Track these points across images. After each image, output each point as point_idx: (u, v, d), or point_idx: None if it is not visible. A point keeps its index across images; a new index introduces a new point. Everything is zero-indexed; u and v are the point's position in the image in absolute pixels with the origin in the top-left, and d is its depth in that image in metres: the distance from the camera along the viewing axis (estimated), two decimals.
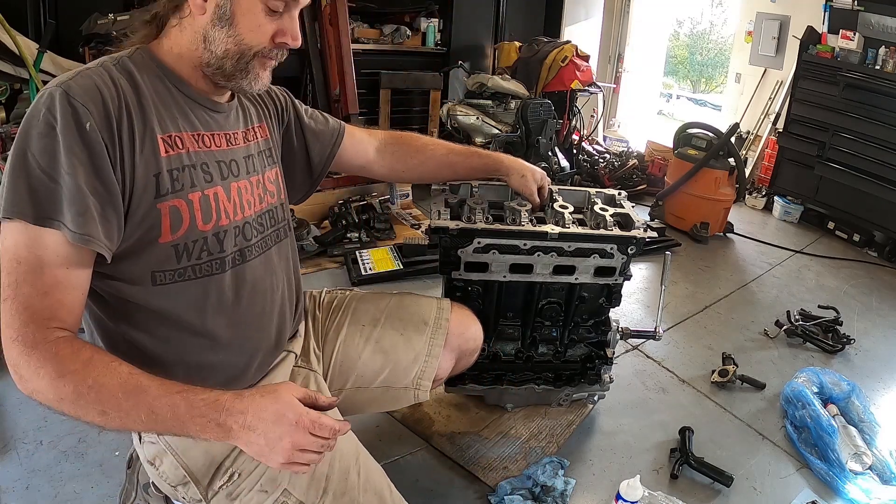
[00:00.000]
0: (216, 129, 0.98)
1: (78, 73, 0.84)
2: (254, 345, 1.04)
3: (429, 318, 1.31)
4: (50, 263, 0.78)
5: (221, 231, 0.95)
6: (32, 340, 0.76)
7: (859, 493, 1.59)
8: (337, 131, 1.30)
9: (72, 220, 0.78)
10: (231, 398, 0.77)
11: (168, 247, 0.89)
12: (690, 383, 2.10)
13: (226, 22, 0.89)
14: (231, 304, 0.98)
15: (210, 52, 0.91)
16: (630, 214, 1.56)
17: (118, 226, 0.84)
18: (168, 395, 0.76)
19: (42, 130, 0.78)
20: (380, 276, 2.61)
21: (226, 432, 0.76)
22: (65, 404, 0.76)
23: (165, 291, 0.90)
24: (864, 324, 2.62)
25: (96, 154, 0.80)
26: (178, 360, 0.94)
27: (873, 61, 3.37)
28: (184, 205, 0.89)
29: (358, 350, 1.25)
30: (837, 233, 3.69)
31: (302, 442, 0.77)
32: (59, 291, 0.79)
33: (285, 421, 0.77)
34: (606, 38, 5.65)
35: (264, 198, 1.06)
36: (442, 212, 1.47)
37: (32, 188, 0.77)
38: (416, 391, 1.26)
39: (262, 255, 1.04)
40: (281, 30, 0.93)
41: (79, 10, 2.91)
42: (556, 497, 1.50)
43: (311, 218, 3.00)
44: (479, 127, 3.65)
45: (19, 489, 1.44)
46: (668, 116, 8.34)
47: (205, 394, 0.77)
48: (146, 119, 0.87)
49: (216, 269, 0.95)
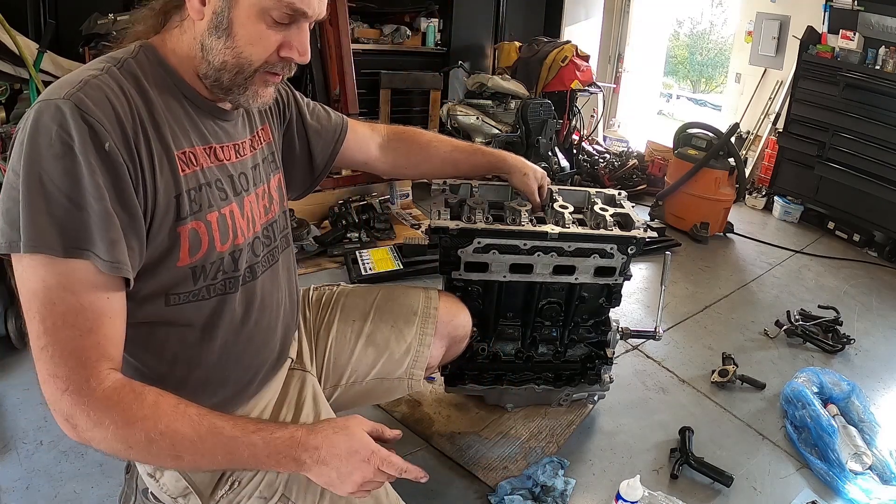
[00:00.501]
0: (226, 141, 0.93)
1: (83, 82, 0.75)
2: (260, 360, 1.03)
3: (418, 308, 1.31)
4: (89, 296, 0.72)
5: (237, 250, 0.92)
6: (87, 388, 0.71)
7: (859, 493, 1.59)
8: (340, 127, 1.26)
9: (104, 249, 0.72)
10: (305, 434, 0.80)
11: (186, 269, 0.85)
12: (690, 383, 2.10)
13: (223, 31, 0.81)
14: (240, 323, 0.96)
15: (207, 62, 0.83)
16: (630, 214, 1.56)
17: (140, 252, 0.79)
18: (245, 436, 0.77)
19: (58, 151, 0.70)
20: (380, 276, 2.61)
21: (299, 465, 0.80)
22: (133, 452, 0.74)
23: (178, 311, 0.87)
24: (864, 324, 2.62)
25: (119, 176, 0.74)
26: (184, 378, 0.92)
27: (873, 61, 3.37)
28: (202, 227, 0.85)
29: (350, 346, 1.25)
30: (837, 233, 3.69)
31: (370, 477, 0.82)
32: (104, 325, 0.74)
33: (358, 458, 0.81)
34: (606, 38, 5.65)
35: (270, 208, 1.03)
36: (442, 212, 1.47)
37: (56, 216, 0.70)
38: (409, 381, 1.27)
39: (269, 270, 1.02)
40: (287, 42, 0.84)
41: (79, 10, 2.91)
42: (556, 497, 1.50)
43: (311, 218, 3.00)
44: (479, 127, 3.65)
45: (19, 489, 1.44)
46: (668, 116, 8.34)
47: (280, 431, 0.80)
48: (161, 135, 0.81)
49: (230, 289, 0.92)
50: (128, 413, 0.73)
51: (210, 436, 0.76)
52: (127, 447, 0.74)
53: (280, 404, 1.08)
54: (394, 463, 0.84)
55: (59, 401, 0.72)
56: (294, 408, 1.08)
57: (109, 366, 0.75)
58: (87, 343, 0.72)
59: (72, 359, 0.72)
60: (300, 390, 1.12)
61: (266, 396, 1.07)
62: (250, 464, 0.79)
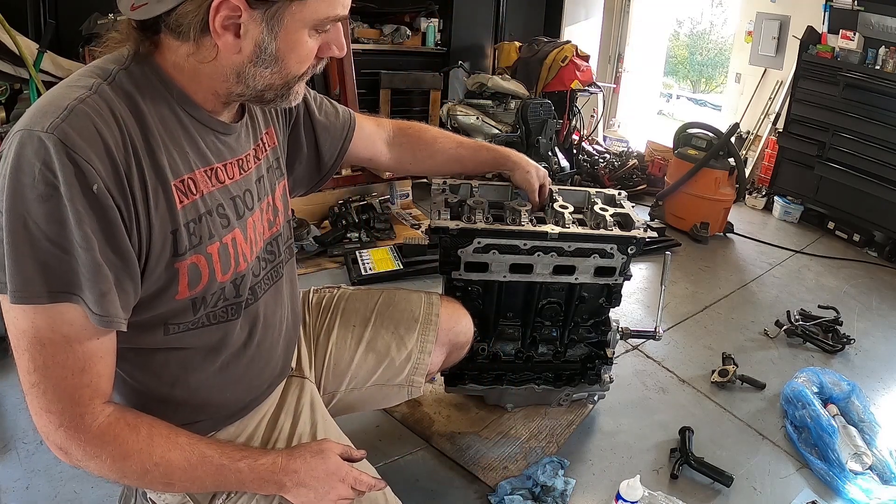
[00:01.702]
0: (229, 158, 0.87)
1: (69, 109, 0.68)
2: (262, 380, 1.02)
3: (419, 314, 1.30)
4: (79, 339, 0.71)
5: (239, 277, 0.89)
6: (83, 425, 0.72)
7: (859, 493, 1.59)
8: (348, 124, 1.22)
9: (93, 301, 0.70)
10: (286, 459, 0.88)
11: (185, 301, 0.82)
12: (690, 383, 2.10)
13: (270, 60, 0.77)
14: (242, 345, 0.94)
15: (246, 85, 0.79)
16: (630, 214, 1.56)
17: (135, 292, 0.76)
18: (232, 463, 0.83)
19: (42, 193, 0.65)
20: (380, 276, 2.61)
21: (279, 487, 0.88)
22: (128, 480, 0.79)
23: (178, 339, 0.85)
24: (864, 324, 2.62)
25: (108, 221, 0.69)
26: (184, 399, 0.91)
27: (873, 61, 3.37)
28: (202, 260, 0.82)
29: (350, 352, 1.24)
30: (837, 233, 3.69)
31: (344, 494, 0.92)
32: (96, 364, 0.73)
33: (334, 479, 0.91)
34: (606, 38, 5.65)
35: (274, 221, 0.99)
36: (442, 212, 1.47)
37: (42, 263, 0.66)
38: (409, 388, 1.26)
39: (273, 287, 0.99)
40: (326, 43, 0.82)
41: (79, 10, 2.91)
42: (556, 497, 1.50)
43: (311, 218, 3.00)
44: (479, 127, 3.65)
45: (19, 489, 1.44)
46: (668, 116, 8.33)
47: (264, 457, 0.87)
48: (157, 164, 0.75)
49: (231, 315, 0.90)
50: (124, 447, 0.75)
51: (200, 464, 0.81)
52: (121, 476, 0.77)
53: (278, 412, 1.07)
54: (364, 481, 0.94)
55: (54, 434, 0.73)
56: (292, 415, 1.07)
57: (102, 400, 0.75)
58: (80, 382, 0.72)
59: (65, 397, 0.71)
60: (298, 397, 1.11)
61: (264, 407, 1.06)
62: (236, 487, 0.87)
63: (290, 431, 1.03)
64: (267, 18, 0.73)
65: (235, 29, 0.73)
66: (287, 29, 0.75)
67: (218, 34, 0.73)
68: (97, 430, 0.73)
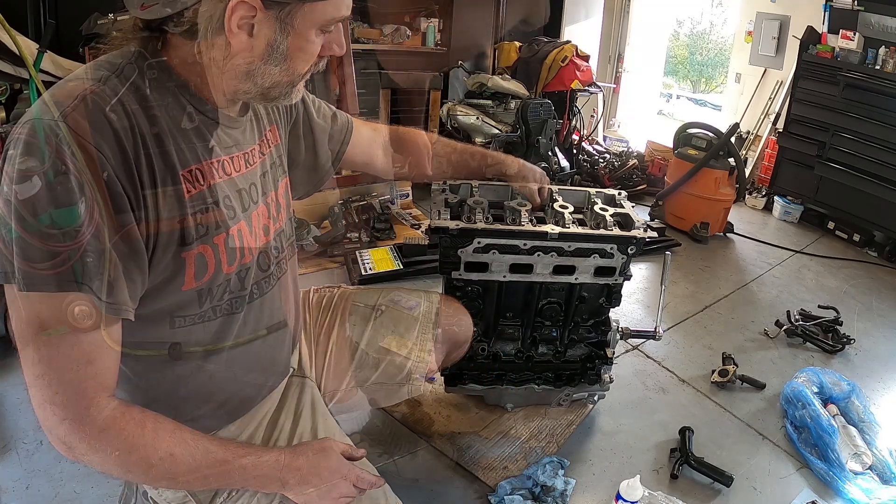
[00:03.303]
0: (235, 151, 0.89)
1: (80, 98, 0.69)
2: (266, 376, 1.03)
3: (419, 314, 1.31)
4: (86, 329, 0.70)
5: (244, 269, 0.90)
6: (88, 418, 0.72)
7: (859, 493, 1.59)
8: (346, 128, 1.24)
9: (102, 288, 0.70)
10: (289, 457, 0.88)
11: (191, 292, 0.83)
12: (690, 383, 2.10)
13: (281, 58, 0.79)
14: (246, 341, 0.95)
15: (254, 83, 0.81)
16: (630, 214, 1.56)
17: (142, 282, 0.76)
18: (236, 459, 0.83)
19: (52, 180, 0.66)
20: (380, 276, 2.61)
21: (282, 485, 0.88)
22: (132, 475, 0.79)
23: (184, 333, 0.86)
24: (864, 324, 2.62)
25: (118, 208, 0.70)
26: (188, 395, 0.92)
27: (873, 61, 3.37)
28: (209, 250, 0.83)
29: (350, 351, 1.24)
30: (837, 233, 3.69)
31: (346, 492, 0.92)
32: (103, 356, 0.73)
33: (336, 476, 0.91)
34: (606, 38, 5.65)
35: (277, 217, 1.00)
36: (442, 212, 1.47)
37: (50, 251, 0.67)
38: (409, 386, 1.27)
39: (276, 283, 1.00)
40: (328, 42, 0.85)
41: (79, 10, 2.90)
42: (556, 497, 1.50)
43: (311, 218, 2.99)
44: (479, 127, 3.65)
45: (19, 489, 1.44)
46: (668, 116, 8.33)
47: (266, 455, 0.87)
48: (166, 153, 0.76)
49: (236, 309, 0.91)
50: (129, 441, 0.75)
51: (204, 460, 0.80)
52: (126, 471, 0.77)
53: (279, 411, 1.07)
54: (365, 479, 0.95)
55: (57, 427, 0.72)
56: (293, 415, 1.07)
57: (107, 394, 0.75)
58: (86, 374, 0.72)
59: (70, 389, 0.71)
60: (299, 397, 1.11)
61: (265, 407, 1.06)
62: (239, 484, 0.87)
63: (290, 431, 1.04)
64: (280, 19, 0.76)
65: (249, 28, 0.76)
66: (297, 29, 0.78)
67: (232, 33, 0.75)
68: (102, 424, 0.73)
